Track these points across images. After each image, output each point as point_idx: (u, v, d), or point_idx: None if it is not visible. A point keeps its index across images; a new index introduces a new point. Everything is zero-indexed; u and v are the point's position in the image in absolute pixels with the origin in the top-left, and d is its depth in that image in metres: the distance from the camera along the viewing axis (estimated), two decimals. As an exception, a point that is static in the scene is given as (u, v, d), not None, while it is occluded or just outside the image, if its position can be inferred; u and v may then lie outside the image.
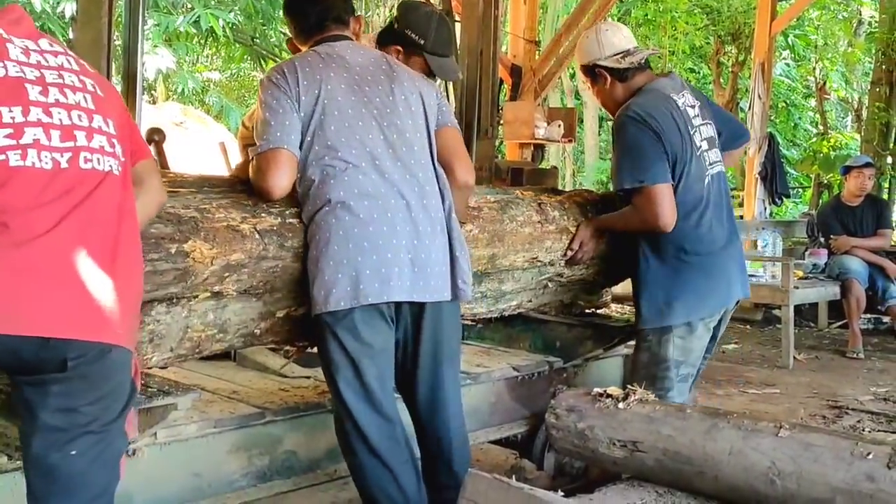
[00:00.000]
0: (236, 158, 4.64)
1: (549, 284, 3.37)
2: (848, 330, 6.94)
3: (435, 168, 2.55)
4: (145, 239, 2.01)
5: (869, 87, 12.45)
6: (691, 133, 3.06)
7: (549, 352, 3.60)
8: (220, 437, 2.55)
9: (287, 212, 2.44)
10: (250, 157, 2.44)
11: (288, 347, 2.86)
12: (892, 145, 11.76)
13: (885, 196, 10.59)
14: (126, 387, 1.81)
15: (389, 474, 2.43)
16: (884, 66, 11.20)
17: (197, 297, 2.29)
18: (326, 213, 2.37)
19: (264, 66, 17.05)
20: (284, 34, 16.32)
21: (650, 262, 3.07)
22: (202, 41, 15.03)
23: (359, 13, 2.72)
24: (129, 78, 2.99)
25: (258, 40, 15.77)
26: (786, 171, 9.92)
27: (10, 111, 1.69)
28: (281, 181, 2.37)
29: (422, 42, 2.82)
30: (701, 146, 3.09)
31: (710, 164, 3.13)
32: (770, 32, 8.45)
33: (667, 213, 2.95)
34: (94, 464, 1.76)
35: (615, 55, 3.11)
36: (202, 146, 6.96)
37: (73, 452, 1.72)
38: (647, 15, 12.55)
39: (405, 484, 2.44)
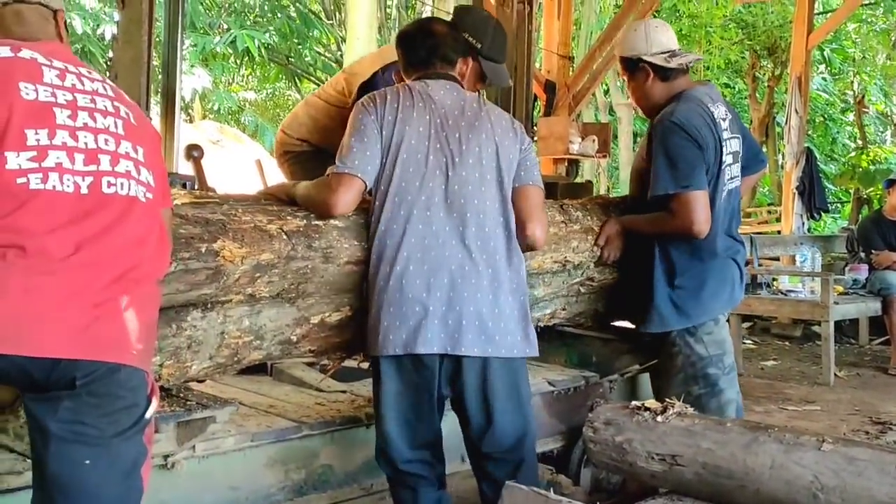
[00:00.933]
0: (273, 175, 4.68)
1: (582, 289, 3.36)
2: (890, 346, 6.82)
3: (505, 224, 2.54)
4: (175, 239, 2.06)
5: (908, 101, 12.27)
6: (721, 145, 3.08)
7: (584, 367, 3.58)
8: (258, 451, 2.56)
9: (312, 215, 2.49)
10: (326, 173, 2.49)
11: (325, 361, 2.87)
12: (933, 159, 11.56)
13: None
14: (139, 404, 1.81)
15: (411, 493, 2.54)
16: (924, 80, 11.03)
17: (231, 300, 2.33)
18: (374, 259, 2.47)
19: (299, 84, 17.25)
20: (320, 53, 16.51)
21: (665, 268, 3.09)
22: (238, 61, 15.23)
23: (468, 56, 2.72)
24: (168, 96, 3.04)
25: (293, 60, 15.96)
26: (824, 185, 9.80)
27: (36, 133, 1.71)
28: (346, 201, 2.45)
29: (478, 46, 2.79)
30: (726, 160, 3.11)
31: (730, 178, 3.16)
32: (807, 46, 8.38)
33: (703, 220, 2.97)
34: (108, 477, 1.76)
35: (662, 53, 3.10)
36: (238, 164, 7.02)
37: (87, 462, 1.73)
38: (681, 30, 12.49)
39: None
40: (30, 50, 1.81)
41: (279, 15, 14.97)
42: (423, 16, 16.32)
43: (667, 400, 2.09)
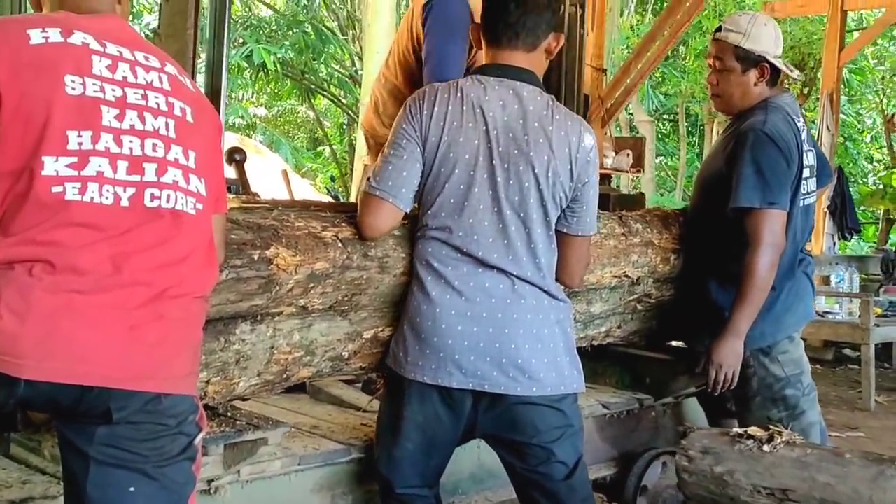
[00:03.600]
0: (298, 185, 4.51)
1: (639, 306, 3.22)
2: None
3: (549, 259, 2.33)
4: (226, 245, 1.92)
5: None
6: (801, 159, 2.93)
7: (637, 388, 3.40)
8: (304, 475, 2.39)
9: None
10: (363, 187, 2.33)
11: (375, 376, 2.70)
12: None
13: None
14: (186, 432, 1.65)
15: None
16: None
17: (282, 312, 2.19)
18: (413, 275, 2.31)
19: (312, 101, 17.14)
20: (335, 69, 16.40)
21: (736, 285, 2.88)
22: (253, 75, 15.13)
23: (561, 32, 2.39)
24: (213, 94, 2.88)
25: (308, 75, 15.85)
26: (856, 205, 9.61)
27: (79, 136, 1.53)
28: (375, 226, 2.27)
29: None
30: (804, 174, 2.96)
31: (807, 192, 3.00)
32: (839, 63, 8.23)
33: (780, 242, 2.83)
34: None
35: (780, 58, 2.95)
36: (261, 175, 6.87)
37: (132, 489, 1.56)
38: (706, 46, 12.33)
39: None
40: (82, 32, 1.61)
41: (294, 30, 14.87)
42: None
43: (772, 427, 1.90)
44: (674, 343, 3.56)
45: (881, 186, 10.46)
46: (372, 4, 11.23)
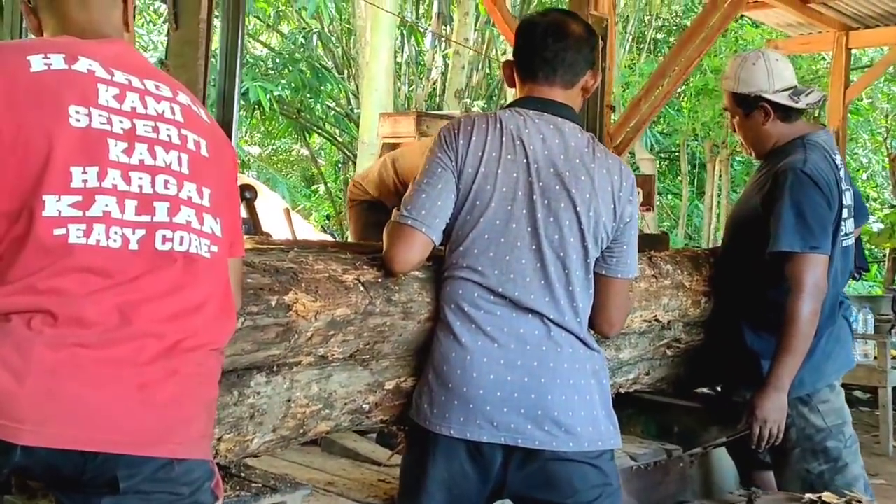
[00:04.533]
0: (300, 224, 4.37)
1: (668, 352, 3.09)
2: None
3: (586, 304, 2.18)
4: (242, 290, 1.76)
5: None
6: (841, 199, 2.79)
7: (665, 438, 3.23)
8: (321, 540, 2.21)
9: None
10: (393, 217, 2.16)
11: (396, 429, 2.52)
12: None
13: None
14: (201, 499, 1.49)
15: None
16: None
17: (300, 362, 2.03)
18: (439, 320, 2.15)
19: (308, 139, 17.05)
20: (330, 107, 16.33)
21: (775, 330, 2.73)
22: (248, 113, 15.04)
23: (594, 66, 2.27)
24: (224, 126, 2.74)
25: (304, 113, 15.78)
26: (864, 244, 9.48)
27: (84, 172, 1.38)
28: (405, 259, 2.12)
29: None
30: (843, 214, 2.82)
31: (845, 234, 2.86)
32: (844, 100, 8.17)
33: (822, 289, 2.69)
34: None
35: (785, 90, 2.79)
36: (262, 214, 6.73)
37: None
38: (707, 84, 12.26)
39: None
40: (88, 58, 1.47)
41: (290, 68, 14.82)
42: (431, 72, 16.18)
43: (847, 493, 1.73)
44: (702, 390, 3.42)
45: (890, 225, 10.33)
46: (370, 43, 11.23)
